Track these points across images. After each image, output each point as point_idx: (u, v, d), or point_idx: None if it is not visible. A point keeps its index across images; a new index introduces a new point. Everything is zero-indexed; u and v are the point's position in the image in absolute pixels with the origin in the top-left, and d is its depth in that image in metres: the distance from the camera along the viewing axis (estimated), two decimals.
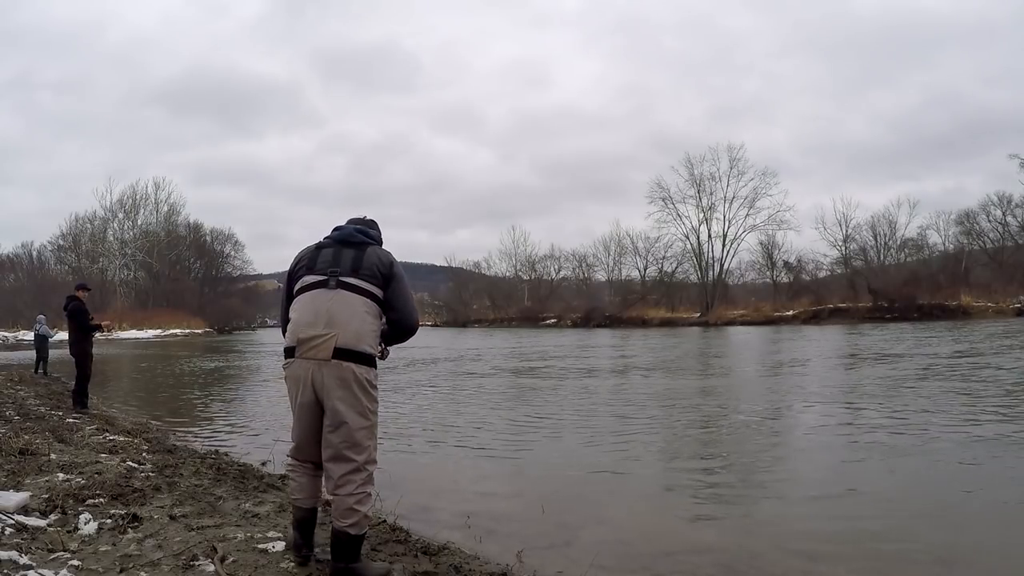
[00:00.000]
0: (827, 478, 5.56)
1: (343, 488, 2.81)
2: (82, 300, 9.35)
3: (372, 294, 2.87)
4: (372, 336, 2.86)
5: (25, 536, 3.39)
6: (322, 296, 2.84)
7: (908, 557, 3.80)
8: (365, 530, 2.93)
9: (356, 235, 2.99)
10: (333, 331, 2.77)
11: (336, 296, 2.83)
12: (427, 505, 4.83)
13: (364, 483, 2.84)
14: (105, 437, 6.76)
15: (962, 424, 7.45)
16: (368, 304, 2.86)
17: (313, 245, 3.05)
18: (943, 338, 22.30)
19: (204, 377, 16.89)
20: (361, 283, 2.86)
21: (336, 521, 2.85)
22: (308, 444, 2.95)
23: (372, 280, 2.87)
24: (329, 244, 3.00)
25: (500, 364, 18.36)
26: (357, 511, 2.82)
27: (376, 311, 2.89)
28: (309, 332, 2.80)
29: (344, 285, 2.84)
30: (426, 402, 10.70)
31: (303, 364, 2.81)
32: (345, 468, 2.81)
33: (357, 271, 2.87)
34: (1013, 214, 50.93)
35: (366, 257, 2.90)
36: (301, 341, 2.81)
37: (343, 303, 2.82)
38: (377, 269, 2.88)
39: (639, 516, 4.74)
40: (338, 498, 2.83)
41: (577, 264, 68.83)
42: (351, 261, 2.89)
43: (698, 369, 15.89)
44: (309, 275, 2.92)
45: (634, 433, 7.60)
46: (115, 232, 65.30)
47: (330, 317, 2.80)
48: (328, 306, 2.82)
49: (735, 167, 56.44)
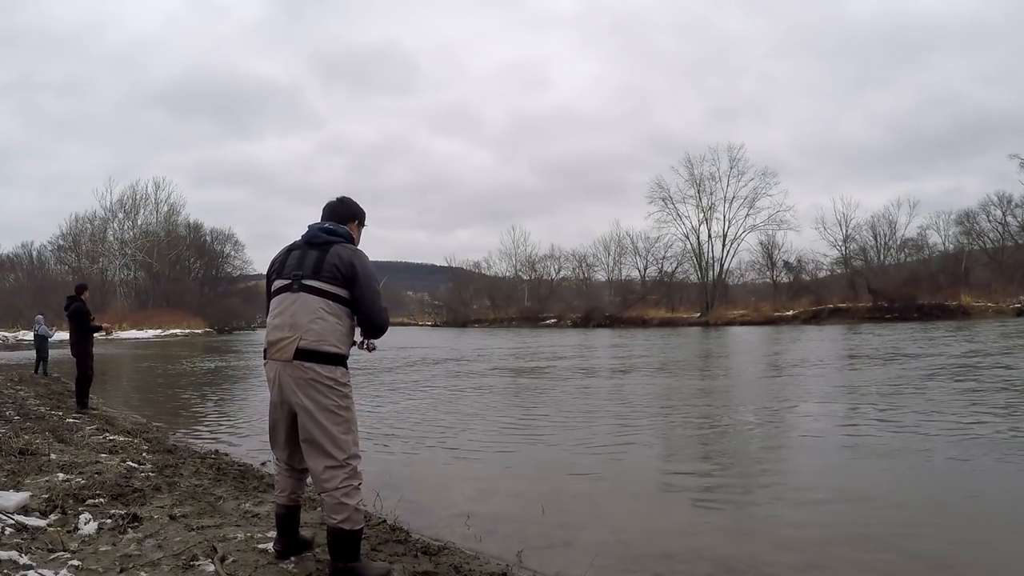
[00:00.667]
0: (827, 478, 5.56)
1: (327, 484, 2.88)
2: (83, 301, 9.37)
3: (334, 295, 2.92)
4: (337, 335, 2.92)
5: (25, 536, 3.40)
6: (287, 300, 2.94)
7: (908, 557, 3.80)
8: (360, 526, 2.96)
9: (320, 235, 3.04)
10: (295, 333, 2.87)
11: (298, 299, 2.92)
12: (427, 505, 4.84)
13: (348, 477, 2.89)
14: (105, 437, 6.76)
15: (962, 424, 7.45)
16: (330, 304, 2.91)
17: (286, 247, 3.15)
18: (944, 338, 22.29)
19: (204, 377, 16.89)
20: (322, 285, 2.92)
21: (328, 519, 2.91)
22: (279, 442, 3.07)
23: (333, 281, 2.92)
24: (298, 246, 3.08)
25: (500, 364, 18.36)
26: (346, 505, 2.87)
27: (339, 310, 2.94)
28: (276, 335, 2.93)
29: (305, 288, 2.92)
30: (426, 402, 10.70)
31: (272, 365, 2.94)
32: (323, 464, 2.88)
33: (318, 273, 2.93)
34: (1013, 214, 50.96)
35: (327, 258, 2.95)
36: (270, 343, 2.95)
37: (304, 305, 2.90)
38: (337, 270, 2.93)
39: (639, 516, 4.74)
40: (325, 495, 2.90)
41: (577, 264, 68.87)
42: (313, 263, 2.96)
43: (698, 369, 15.89)
44: (278, 279, 3.04)
45: (634, 434, 7.60)
46: (115, 232, 65.28)
47: (293, 320, 2.90)
48: (292, 309, 2.92)
49: (735, 167, 56.46)
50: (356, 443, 2.99)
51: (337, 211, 3.19)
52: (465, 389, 12.49)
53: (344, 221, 3.17)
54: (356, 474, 2.93)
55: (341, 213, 3.19)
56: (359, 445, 3.03)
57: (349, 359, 2.98)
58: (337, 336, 2.92)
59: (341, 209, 3.20)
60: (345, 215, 3.20)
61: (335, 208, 3.21)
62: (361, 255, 3.02)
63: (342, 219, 3.17)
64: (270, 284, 3.09)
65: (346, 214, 3.21)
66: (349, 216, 3.21)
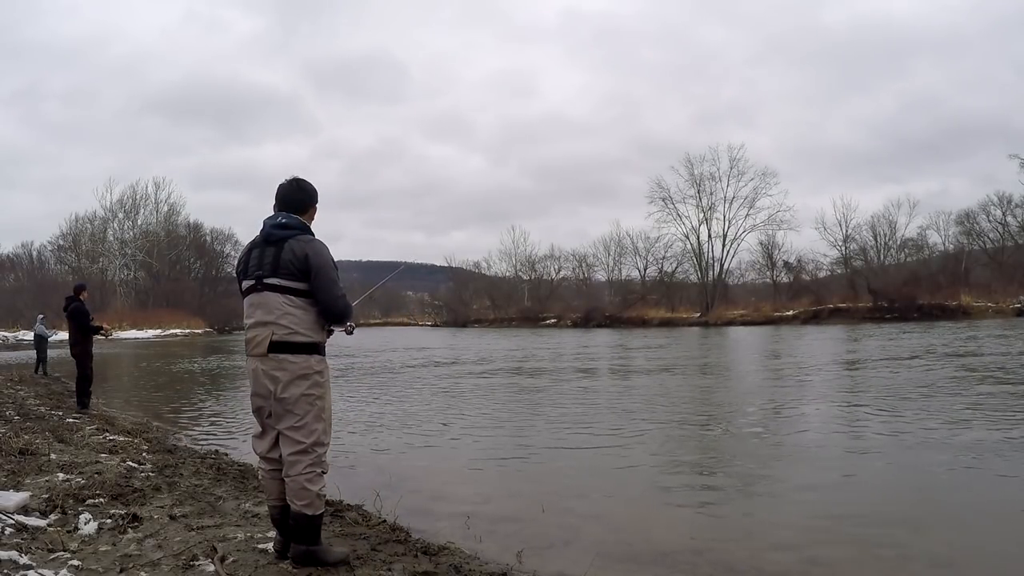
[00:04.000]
0: (827, 479, 5.56)
1: (292, 468, 2.99)
2: (82, 301, 9.36)
3: (294, 289, 3.02)
4: (306, 324, 3.03)
5: (25, 536, 3.40)
6: (255, 299, 3.07)
7: (908, 557, 3.80)
8: (321, 511, 3.08)
9: (274, 233, 3.08)
10: (267, 330, 3.01)
11: (263, 298, 3.04)
12: (427, 505, 4.84)
13: (313, 464, 3.01)
14: (105, 437, 6.76)
15: (963, 424, 7.45)
16: (292, 299, 3.02)
17: (247, 246, 3.23)
18: (944, 338, 22.29)
19: (204, 377, 16.89)
20: (281, 281, 3.01)
21: (291, 503, 3.00)
22: (259, 433, 3.16)
23: (291, 277, 3.01)
24: (257, 244, 3.14)
25: (500, 364, 18.36)
26: (308, 490, 2.98)
27: (303, 302, 3.04)
28: (251, 333, 3.07)
29: (268, 286, 3.03)
30: (426, 402, 10.70)
31: (251, 361, 3.08)
32: (291, 449, 3.00)
33: (276, 270, 3.02)
34: (1013, 214, 50.94)
35: (283, 255, 3.02)
36: (247, 341, 3.09)
37: (269, 303, 3.02)
38: (293, 265, 3.00)
39: (639, 516, 4.74)
40: (289, 479, 3.00)
41: (577, 264, 68.89)
42: (271, 260, 3.04)
43: (697, 370, 15.89)
44: (244, 279, 3.14)
45: (634, 434, 7.60)
46: (115, 232, 65.26)
47: (262, 317, 3.03)
48: (261, 308, 3.04)
49: (735, 167, 56.38)
50: (326, 432, 3.10)
51: (293, 201, 3.18)
52: (465, 389, 12.49)
53: (303, 210, 3.19)
54: (321, 462, 3.04)
55: (299, 201, 3.19)
56: (329, 435, 3.13)
57: (329, 345, 3.12)
58: (307, 325, 3.03)
59: (299, 197, 3.21)
60: (305, 203, 3.21)
61: (290, 197, 3.19)
62: (315, 245, 3.06)
63: (300, 207, 3.18)
64: (240, 285, 3.19)
65: (306, 202, 3.22)
66: (307, 205, 3.22)
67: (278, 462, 3.08)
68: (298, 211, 3.17)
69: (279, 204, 3.18)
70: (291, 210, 3.15)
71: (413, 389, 12.63)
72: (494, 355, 22.06)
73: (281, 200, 3.18)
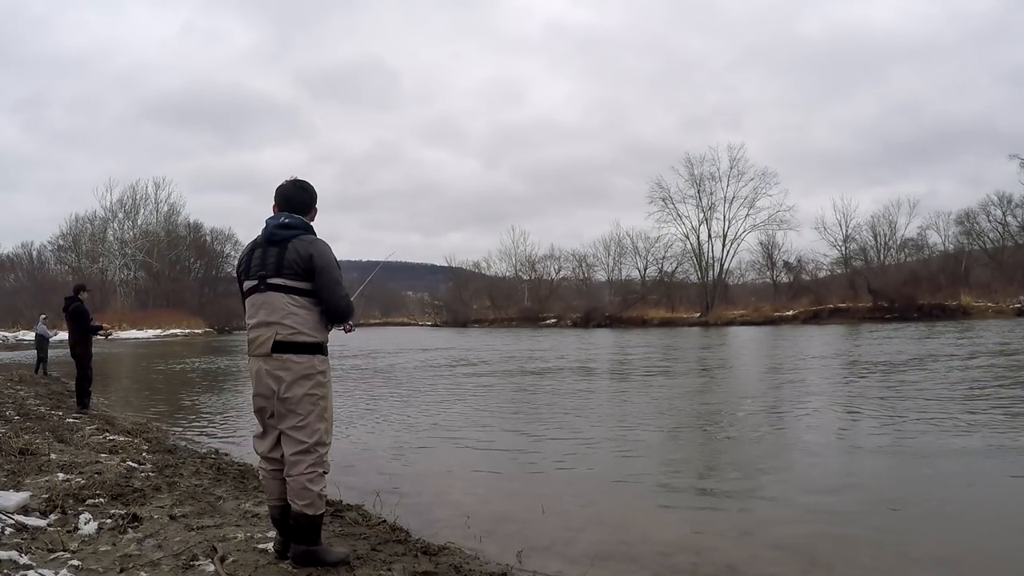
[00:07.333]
0: (827, 479, 5.56)
1: (294, 468, 2.98)
2: (81, 301, 9.36)
3: (298, 289, 3.02)
4: (309, 324, 3.03)
5: (25, 536, 3.40)
6: (258, 299, 3.06)
7: (909, 557, 3.80)
8: (322, 511, 3.08)
9: (277, 233, 3.08)
10: (270, 330, 3.00)
11: (267, 298, 3.03)
12: (427, 505, 4.84)
13: (315, 464, 3.01)
14: (105, 437, 6.77)
15: (963, 425, 7.45)
16: (296, 299, 3.02)
17: (249, 246, 3.21)
18: (944, 338, 22.29)
19: (204, 377, 16.89)
20: (285, 281, 3.01)
21: (293, 503, 3.00)
22: (260, 432, 3.16)
23: (295, 277, 3.01)
24: (260, 244, 3.14)
25: (500, 365, 18.36)
26: (310, 490, 2.98)
27: (307, 302, 3.04)
28: (254, 333, 3.06)
29: (271, 286, 3.02)
30: (426, 403, 10.70)
31: (253, 361, 3.07)
32: (293, 449, 2.99)
33: (280, 270, 3.02)
34: (1013, 214, 50.96)
35: (287, 255, 3.02)
36: (250, 341, 3.08)
37: (273, 303, 3.02)
38: (297, 265, 3.00)
39: (639, 516, 4.74)
40: (291, 479, 3.00)
41: (577, 264, 68.87)
42: (275, 261, 3.03)
43: (697, 370, 15.89)
44: (247, 280, 3.14)
45: (634, 434, 7.60)
46: (115, 232, 65.29)
47: (265, 317, 3.02)
48: (264, 308, 3.04)
49: (735, 167, 56.31)
50: (328, 432, 3.10)
51: (294, 200, 3.19)
52: (465, 390, 12.49)
53: (305, 210, 3.20)
54: (323, 462, 3.04)
55: (301, 201, 3.20)
56: (331, 435, 3.13)
57: (329, 345, 3.12)
58: (310, 325, 3.03)
59: (302, 197, 3.21)
60: (307, 203, 3.22)
61: (292, 196, 3.20)
62: (319, 245, 3.07)
63: (301, 208, 3.18)
64: (241, 285, 3.18)
65: (308, 201, 3.23)
66: (309, 204, 3.23)
67: (279, 462, 3.07)
68: (300, 211, 3.17)
69: (280, 204, 3.18)
70: (293, 210, 3.15)
71: (413, 389, 12.63)
72: (494, 355, 22.05)
73: (283, 200, 3.18)
